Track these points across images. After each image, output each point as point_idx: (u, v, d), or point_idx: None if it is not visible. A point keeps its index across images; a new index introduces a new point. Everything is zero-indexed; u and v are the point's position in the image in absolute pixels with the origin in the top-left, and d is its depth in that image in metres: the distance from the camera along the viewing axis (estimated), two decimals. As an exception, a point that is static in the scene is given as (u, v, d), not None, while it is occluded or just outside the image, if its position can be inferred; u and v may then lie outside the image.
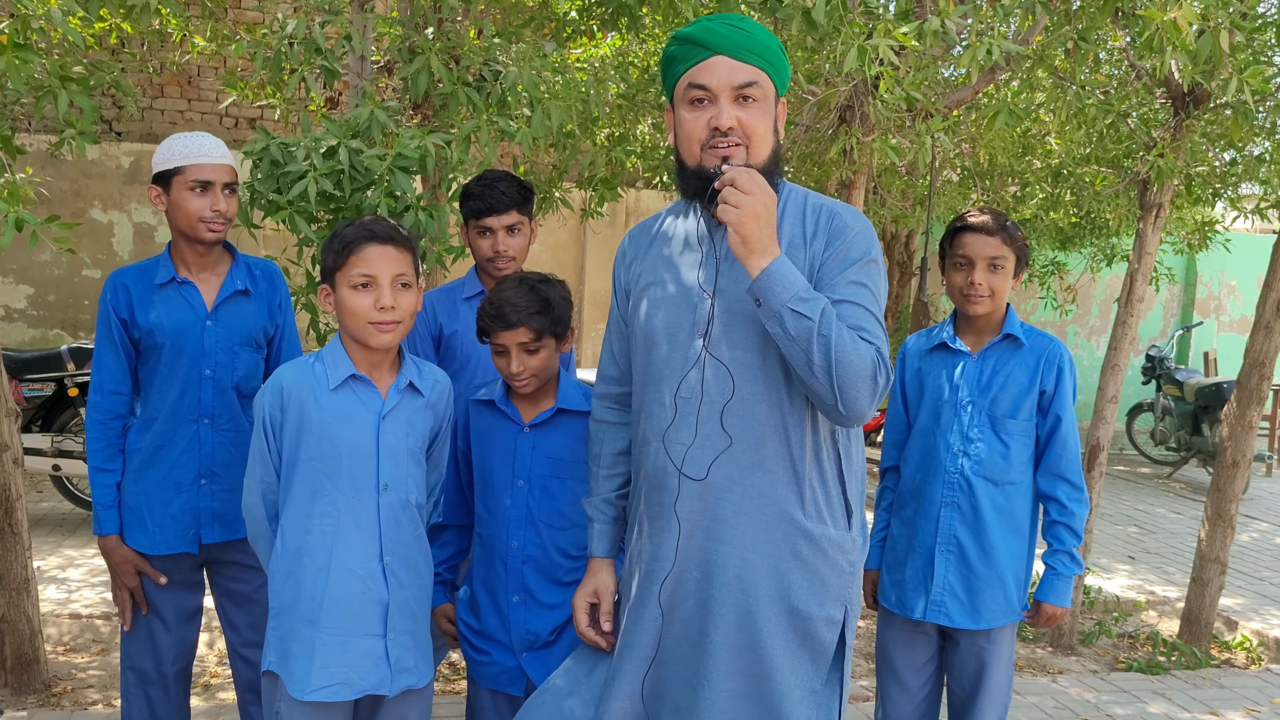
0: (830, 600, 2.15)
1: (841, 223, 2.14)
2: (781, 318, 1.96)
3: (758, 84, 2.08)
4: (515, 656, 2.59)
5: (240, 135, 9.95)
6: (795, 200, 2.20)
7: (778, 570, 2.11)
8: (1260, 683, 4.81)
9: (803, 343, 1.96)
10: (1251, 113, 4.29)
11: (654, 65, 5.61)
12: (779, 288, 1.96)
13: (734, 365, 2.10)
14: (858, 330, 2.03)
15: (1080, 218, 7.24)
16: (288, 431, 2.32)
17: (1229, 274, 12.24)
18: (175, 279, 2.85)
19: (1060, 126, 5.30)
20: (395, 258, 2.29)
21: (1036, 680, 4.69)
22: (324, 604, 2.27)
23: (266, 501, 2.37)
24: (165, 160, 2.79)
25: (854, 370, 1.97)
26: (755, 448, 2.10)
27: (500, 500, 2.59)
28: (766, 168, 2.10)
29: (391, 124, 3.44)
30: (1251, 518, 8.53)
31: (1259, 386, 5.04)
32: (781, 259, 1.99)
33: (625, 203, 10.75)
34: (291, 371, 2.35)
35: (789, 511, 2.11)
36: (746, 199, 1.95)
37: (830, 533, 2.14)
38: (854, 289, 2.08)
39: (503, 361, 2.56)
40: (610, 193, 5.37)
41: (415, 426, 2.39)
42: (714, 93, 2.07)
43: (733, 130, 2.06)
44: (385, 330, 2.28)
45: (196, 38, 5.71)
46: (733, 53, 2.07)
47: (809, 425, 2.12)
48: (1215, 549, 5.16)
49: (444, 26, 3.98)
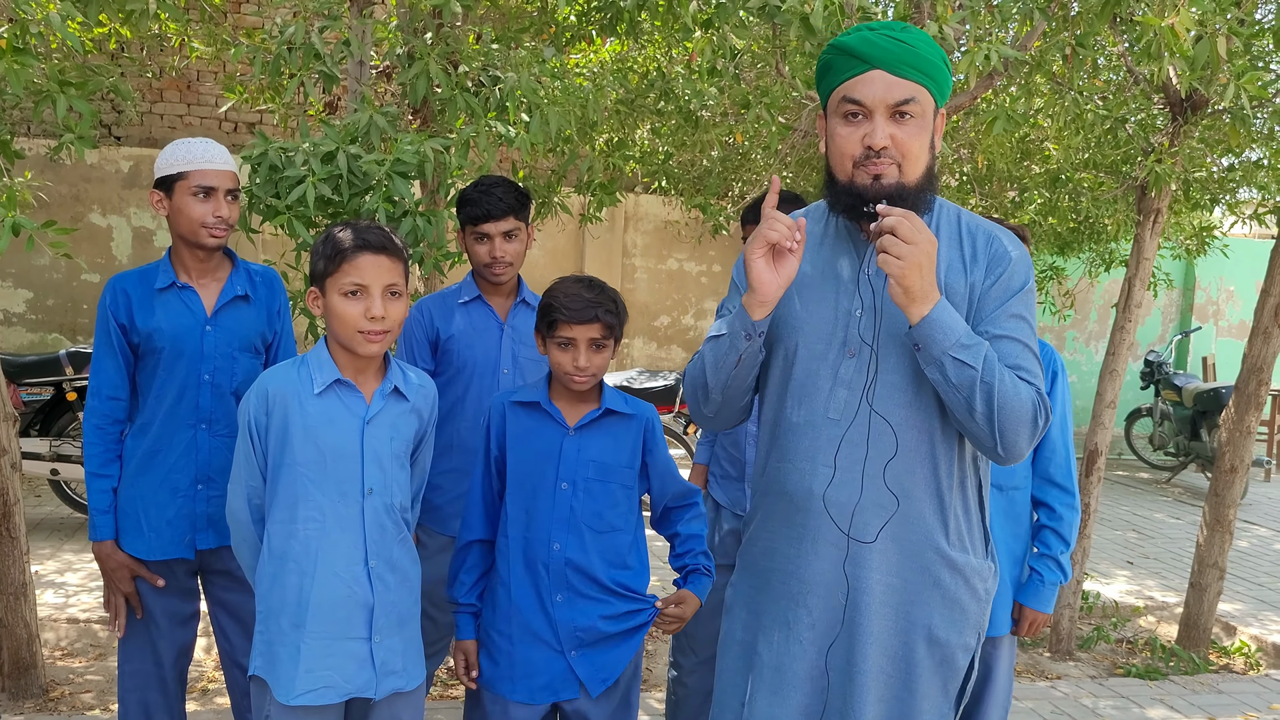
0: (968, 628, 2.11)
1: (1001, 248, 2.07)
2: (943, 365, 1.92)
3: (916, 100, 1.99)
4: (564, 657, 2.56)
5: (239, 140, 9.95)
6: (949, 218, 2.12)
7: (921, 597, 2.07)
8: (1259, 688, 4.81)
9: (964, 390, 1.92)
10: (1249, 118, 4.29)
11: (653, 70, 5.62)
12: (940, 335, 1.92)
13: (888, 391, 2.03)
14: (1017, 370, 1.98)
15: (1078, 223, 7.24)
16: (273, 435, 2.32)
17: (1228, 279, 12.25)
18: (175, 284, 2.85)
19: (1058, 132, 5.30)
20: (388, 267, 2.28)
21: (1035, 685, 4.68)
22: (309, 608, 2.27)
23: (252, 506, 2.37)
24: (168, 165, 2.79)
25: (1015, 415, 1.93)
26: (905, 475, 2.04)
27: (542, 503, 2.56)
28: (920, 185, 2.02)
29: (390, 129, 3.44)
30: (1250, 523, 8.53)
31: (1257, 392, 5.04)
32: (942, 304, 1.93)
33: (624, 207, 10.76)
34: (276, 375, 2.35)
35: (934, 539, 2.06)
36: (909, 250, 1.88)
37: (972, 561, 2.10)
38: (1014, 323, 2.03)
39: (566, 356, 2.52)
40: (609, 198, 5.38)
41: (400, 431, 2.39)
42: (869, 108, 1.98)
43: (887, 149, 1.98)
44: (373, 340, 2.28)
45: (195, 42, 5.72)
46: (891, 67, 1.98)
47: (957, 452, 2.08)
48: (1214, 554, 5.16)
49: (443, 31, 3.98)
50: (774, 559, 2.15)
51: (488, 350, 3.20)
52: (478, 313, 3.23)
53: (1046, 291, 10.19)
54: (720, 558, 3.29)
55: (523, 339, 3.24)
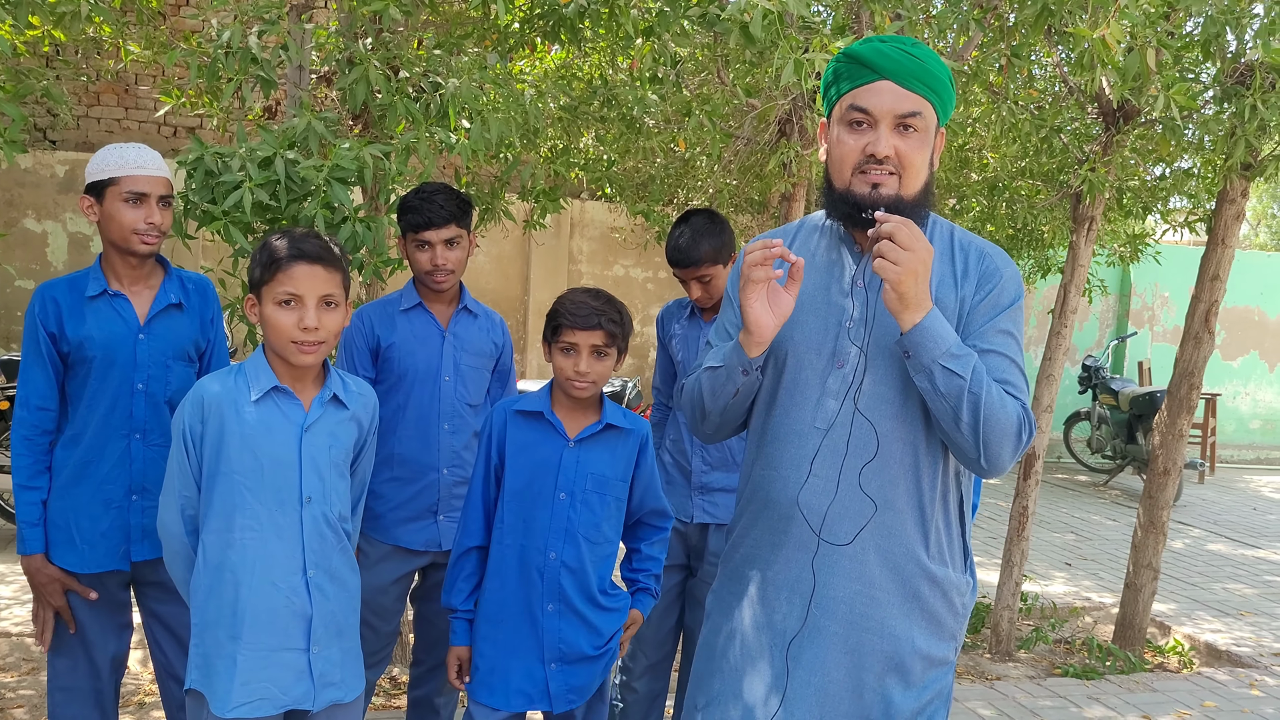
0: (945, 641, 2.12)
1: (993, 265, 2.10)
2: (932, 373, 1.94)
3: (921, 114, 2.01)
4: (544, 668, 2.60)
5: (179, 144, 9.81)
6: (942, 234, 2.15)
7: (899, 610, 2.07)
8: (1192, 686, 4.91)
9: (952, 400, 1.94)
10: (1179, 128, 4.39)
11: (597, 78, 5.62)
12: (931, 344, 1.93)
13: (874, 401, 2.04)
14: (1004, 384, 2.00)
15: (1016, 231, 7.34)
16: (208, 444, 2.29)
17: (1163, 285, 12.51)
18: (107, 291, 2.80)
19: (995, 141, 5.39)
20: (323, 278, 2.27)
21: (975, 686, 4.74)
22: (245, 619, 2.25)
23: (185, 517, 2.34)
24: (99, 170, 2.75)
25: (1001, 428, 1.95)
26: (888, 486, 2.05)
27: (540, 512, 2.61)
28: (917, 200, 2.04)
29: (329, 135, 3.41)
30: (1185, 524, 8.71)
31: (1189, 396, 5.15)
32: (934, 314, 1.95)
33: (570, 214, 10.75)
34: (212, 383, 2.33)
35: (915, 552, 2.07)
36: (906, 256, 1.90)
37: (951, 575, 2.11)
38: (1002, 339, 2.06)
39: (569, 361, 2.57)
40: (552, 204, 5.36)
41: (339, 439, 2.37)
42: (875, 118, 2.00)
43: (889, 159, 2.00)
44: (307, 351, 2.26)
45: (131, 45, 5.62)
46: (900, 79, 2.00)
47: (941, 466, 2.09)
48: (1148, 555, 5.27)
49: (383, 37, 3.95)
50: (754, 565, 2.17)
51: (429, 358, 3.18)
52: (419, 320, 3.21)
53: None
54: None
55: (464, 346, 3.22)
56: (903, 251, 1.90)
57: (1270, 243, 25.93)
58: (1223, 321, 12.25)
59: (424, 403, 3.17)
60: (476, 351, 3.25)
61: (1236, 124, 4.36)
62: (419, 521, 3.20)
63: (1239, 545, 8.10)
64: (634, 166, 6.58)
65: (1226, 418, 12.78)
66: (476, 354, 3.25)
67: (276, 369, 2.32)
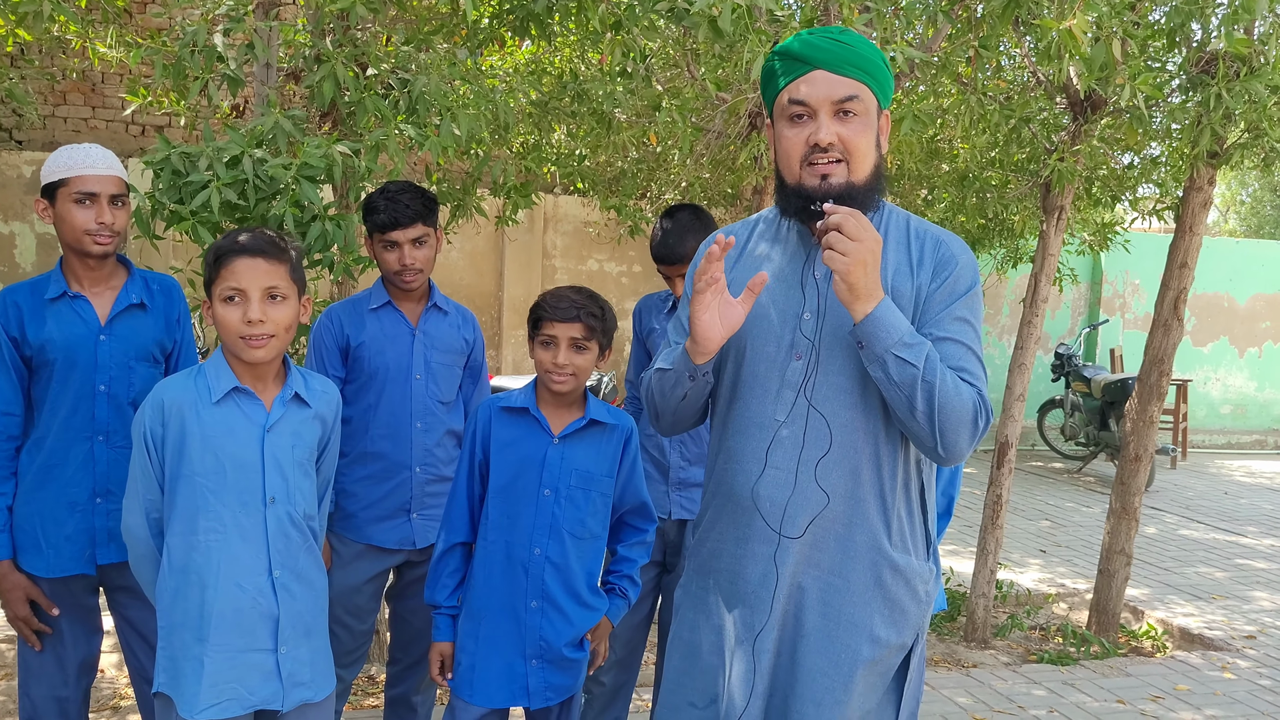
0: (907, 629, 2.13)
1: (949, 252, 2.11)
2: (885, 363, 1.95)
3: (858, 98, 2.02)
4: (525, 663, 2.62)
5: (147, 143, 9.73)
6: (897, 223, 2.15)
7: (862, 598, 2.08)
8: (1165, 670, 4.96)
9: (906, 389, 1.95)
10: (1146, 117, 4.42)
11: (567, 74, 5.61)
12: (883, 333, 1.94)
13: (832, 392, 2.05)
14: (960, 371, 2.01)
15: (987, 221, 7.39)
16: (169, 447, 2.28)
17: (1133, 273, 12.60)
18: (67, 293, 2.77)
19: (965, 132, 5.41)
20: (265, 270, 2.24)
21: (951, 675, 4.77)
22: (211, 620, 2.24)
23: (150, 520, 2.32)
24: (50, 172, 2.73)
25: (956, 416, 1.96)
26: (850, 476, 2.06)
27: (523, 508, 2.62)
28: (868, 184, 2.05)
29: (297, 133, 3.39)
30: (1158, 510, 8.78)
31: (1159, 383, 5.20)
32: (886, 303, 1.96)
33: (543, 209, 10.73)
34: (172, 385, 2.31)
35: (878, 540, 2.08)
36: (854, 246, 1.91)
37: (913, 563, 2.12)
38: (958, 326, 2.06)
39: (548, 354, 2.59)
40: (524, 200, 5.35)
41: (302, 438, 2.36)
42: (813, 108, 2.02)
43: (832, 146, 2.01)
44: (256, 345, 2.24)
45: (97, 44, 5.57)
46: (833, 66, 2.01)
47: (901, 454, 2.10)
48: (1120, 541, 5.31)
49: (350, 33, 3.93)
50: (720, 560, 2.18)
51: (400, 356, 3.17)
52: (388, 319, 3.20)
53: (960, 288, 10.37)
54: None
55: (435, 343, 3.21)
56: (850, 242, 1.91)
57: (1239, 229, 26.18)
58: (1192, 308, 12.37)
59: (395, 401, 3.16)
60: (447, 348, 3.24)
61: (1202, 113, 4.39)
62: (392, 520, 3.19)
63: (1211, 530, 8.18)
64: (606, 161, 6.57)
65: (1197, 403, 12.91)
66: (447, 351, 3.24)
67: (236, 369, 2.31)
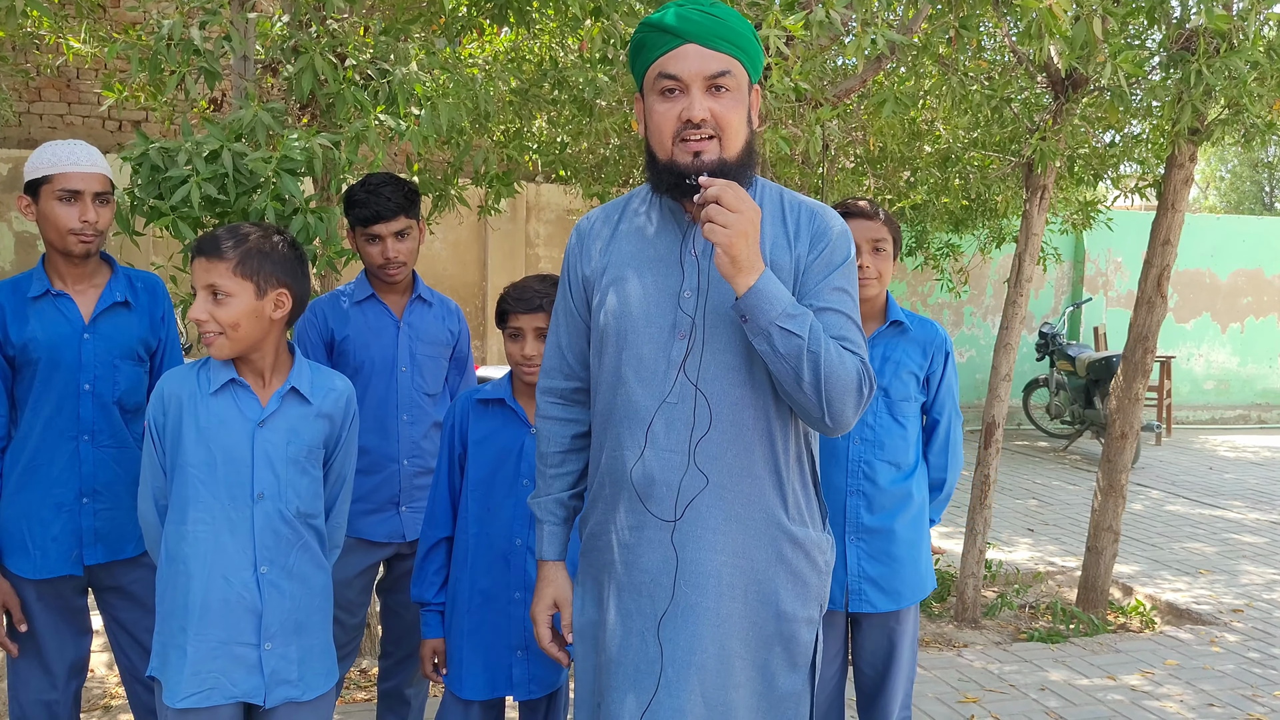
0: (811, 601, 2.13)
1: (824, 224, 2.09)
2: (770, 335, 1.92)
3: (730, 73, 1.99)
4: (510, 654, 2.62)
5: (124, 138, 9.65)
6: (771, 197, 2.13)
7: (765, 574, 2.07)
8: (1154, 645, 4.99)
9: (792, 360, 1.93)
10: (1127, 95, 4.42)
11: (547, 61, 5.58)
12: (767, 305, 1.92)
13: (720, 370, 2.03)
14: (841, 340, 2.00)
15: (970, 201, 7.40)
16: (169, 436, 2.30)
17: (1115, 251, 12.64)
18: (50, 292, 2.75)
19: (947, 113, 5.41)
20: (205, 268, 2.24)
21: (942, 655, 4.79)
22: (196, 610, 2.24)
23: (159, 508, 2.35)
24: (34, 169, 2.70)
25: (842, 384, 1.95)
26: (744, 453, 2.04)
27: (503, 500, 2.62)
28: (741, 160, 2.03)
29: (276, 125, 3.36)
30: (1144, 486, 8.83)
31: (1143, 360, 5.22)
32: (767, 275, 1.94)
33: (525, 198, 10.69)
34: (175, 376, 2.33)
35: (775, 515, 2.07)
36: (734, 218, 1.88)
37: (811, 534, 2.12)
38: (837, 296, 2.05)
39: (516, 347, 2.60)
40: (506, 189, 5.33)
41: (299, 435, 2.34)
42: (685, 83, 1.98)
43: (705, 122, 1.98)
44: (208, 343, 2.26)
45: (71, 39, 5.51)
46: (704, 40, 1.98)
47: (792, 429, 2.09)
48: (1108, 518, 5.33)
49: (328, 24, 3.90)
50: (614, 549, 2.13)
51: (385, 349, 3.15)
52: (373, 311, 3.18)
53: (943, 269, 10.40)
54: None
55: (420, 336, 3.20)
56: (730, 214, 1.89)
57: (1219, 205, 26.30)
58: (1174, 284, 12.42)
59: (381, 394, 3.15)
60: (432, 340, 3.22)
61: (1183, 89, 4.40)
62: (381, 513, 3.18)
63: (1197, 505, 8.23)
64: (588, 149, 6.55)
65: (1181, 380, 12.97)
66: (432, 343, 3.22)
67: (237, 361, 2.32)
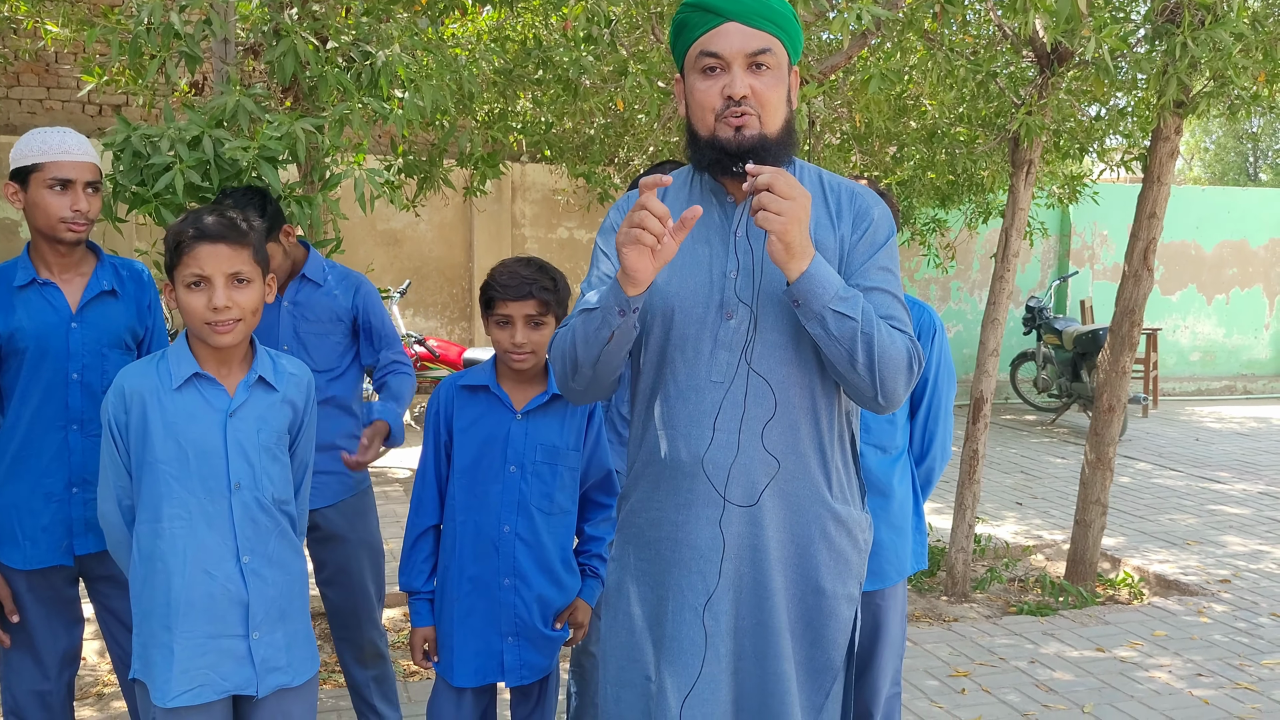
0: (851, 579, 2.14)
1: (865, 204, 2.11)
2: (824, 319, 1.93)
3: (771, 51, 2.01)
4: (501, 641, 2.61)
5: (104, 123, 9.58)
6: (811, 177, 2.14)
7: (809, 551, 2.09)
8: (1143, 617, 5.03)
9: (845, 343, 1.94)
10: (1112, 69, 4.42)
11: (531, 40, 5.55)
12: (820, 290, 1.92)
13: (769, 350, 2.03)
14: (889, 319, 2.02)
15: (957, 176, 7.39)
16: (133, 434, 2.26)
17: (1101, 224, 12.67)
18: (36, 280, 2.73)
19: (933, 88, 5.40)
20: (227, 255, 2.21)
21: (932, 629, 4.82)
22: (180, 608, 2.22)
23: (123, 507, 2.31)
24: (23, 156, 2.67)
25: (894, 363, 1.97)
26: (790, 430, 2.05)
27: (490, 486, 2.61)
28: (780, 138, 2.04)
29: (259, 110, 3.33)
30: (1131, 458, 8.88)
31: (1130, 333, 5.23)
32: (819, 260, 1.94)
33: (511, 178, 10.66)
34: (133, 372, 2.29)
35: (820, 493, 2.09)
36: (787, 205, 1.87)
37: (853, 512, 2.14)
38: (882, 275, 2.07)
39: (505, 334, 2.57)
40: (491, 170, 5.31)
41: (268, 423, 2.33)
42: (726, 60, 2.00)
43: (746, 99, 1.99)
44: (222, 331, 2.22)
45: (49, 23, 5.46)
46: (746, 19, 2.00)
47: (836, 406, 2.11)
48: (1096, 491, 5.36)
49: (309, 6, 3.86)
50: (662, 528, 2.12)
51: (267, 328, 3.09)
52: None
53: (930, 244, 10.40)
54: None
55: (304, 314, 3.16)
56: (784, 201, 1.88)
57: (1204, 177, 26.35)
58: (1160, 257, 12.45)
59: None
60: (318, 319, 3.17)
61: (1168, 62, 4.40)
62: None
63: (1184, 477, 8.28)
64: (573, 128, 6.52)
65: (1167, 352, 13.03)
66: (318, 320, 3.17)
67: (199, 353, 2.28)
